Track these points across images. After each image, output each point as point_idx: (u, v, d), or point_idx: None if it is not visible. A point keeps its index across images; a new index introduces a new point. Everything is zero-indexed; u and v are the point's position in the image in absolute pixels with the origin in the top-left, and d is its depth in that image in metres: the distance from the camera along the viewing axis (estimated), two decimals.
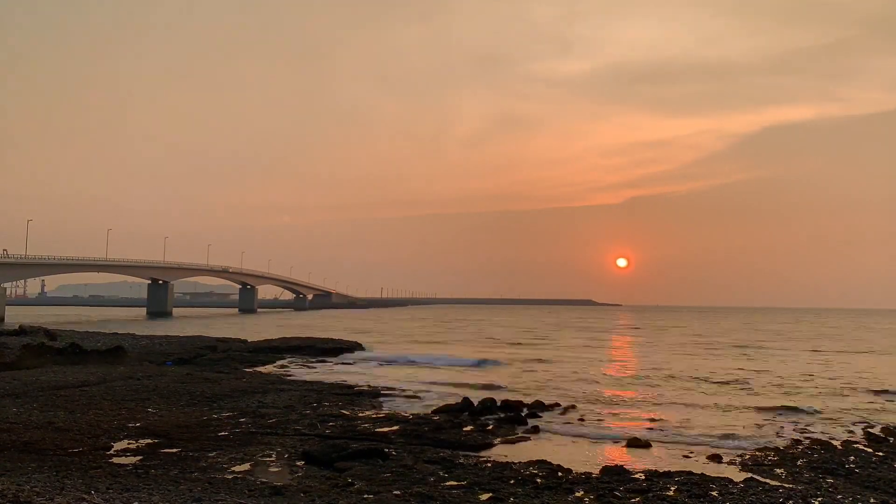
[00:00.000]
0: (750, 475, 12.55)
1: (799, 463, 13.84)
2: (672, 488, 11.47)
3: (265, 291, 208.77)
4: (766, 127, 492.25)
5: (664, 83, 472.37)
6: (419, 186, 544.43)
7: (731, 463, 14.09)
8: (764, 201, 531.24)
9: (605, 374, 32.55)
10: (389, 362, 37.71)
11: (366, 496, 10.64)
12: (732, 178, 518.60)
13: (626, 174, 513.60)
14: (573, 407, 21.41)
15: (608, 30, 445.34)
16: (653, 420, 19.41)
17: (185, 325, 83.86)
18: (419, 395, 23.94)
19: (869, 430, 17.98)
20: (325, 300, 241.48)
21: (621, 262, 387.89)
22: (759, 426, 18.56)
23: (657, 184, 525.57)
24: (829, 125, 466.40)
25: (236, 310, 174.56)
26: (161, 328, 69.56)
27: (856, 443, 16.27)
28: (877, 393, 26.12)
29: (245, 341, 45.63)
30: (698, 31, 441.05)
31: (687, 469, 13.04)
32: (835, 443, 16.13)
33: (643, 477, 12.29)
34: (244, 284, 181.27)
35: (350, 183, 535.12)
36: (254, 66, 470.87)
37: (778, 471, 13.19)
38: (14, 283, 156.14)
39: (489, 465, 13.17)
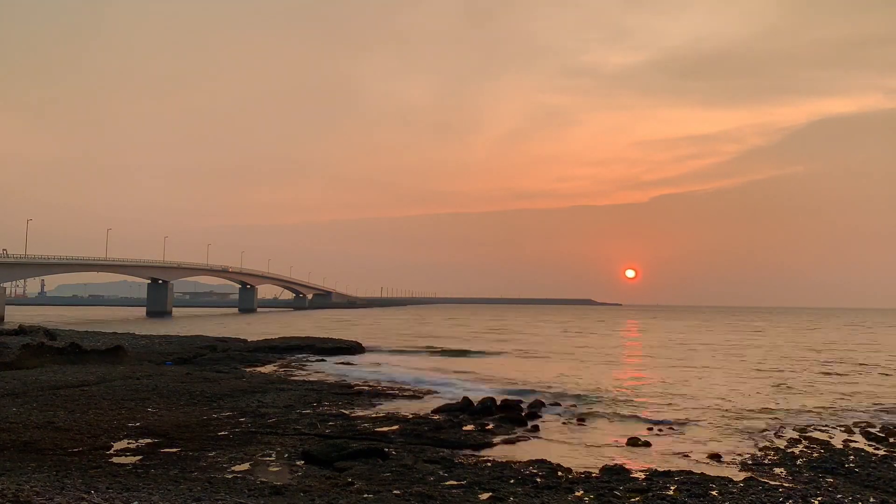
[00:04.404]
0: (750, 475, 12.55)
1: (799, 462, 13.84)
2: (672, 488, 11.46)
3: (265, 291, 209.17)
4: (812, 121, 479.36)
5: (714, 77, 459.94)
6: (438, 185, 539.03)
7: (731, 463, 14.08)
8: (798, 198, 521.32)
9: (605, 374, 32.53)
10: (389, 362, 37.68)
11: (366, 496, 10.63)
12: (769, 174, 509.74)
13: (663, 171, 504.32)
14: (573, 406, 21.41)
15: (667, 18, 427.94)
16: (653, 419, 19.40)
17: (185, 324, 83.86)
18: (419, 394, 23.94)
19: (869, 430, 17.97)
20: (324, 300, 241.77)
21: (630, 273, 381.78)
22: (760, 426, 18.53)
23: (692, 181, 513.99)
24: (874, 118, 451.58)
25: (236, 309, 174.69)
26: (161, 328, 69.57)
27: (856, 442, 16.28)
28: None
29: (245, 341, 45.66)
30: (757, 22, 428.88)
31: (687, 469, 13.04)
32: (835, 443, 16.14)
33: (643, 476, 12.28)
34: (244, 284, 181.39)
35: (357, 182, 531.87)
36: (261, 54, 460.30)
37: (778, 470, 13.19)
38: (14, 282, 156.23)
39: (489, 464, 13.17)
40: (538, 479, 11.99)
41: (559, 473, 12.54)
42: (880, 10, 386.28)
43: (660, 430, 17.92)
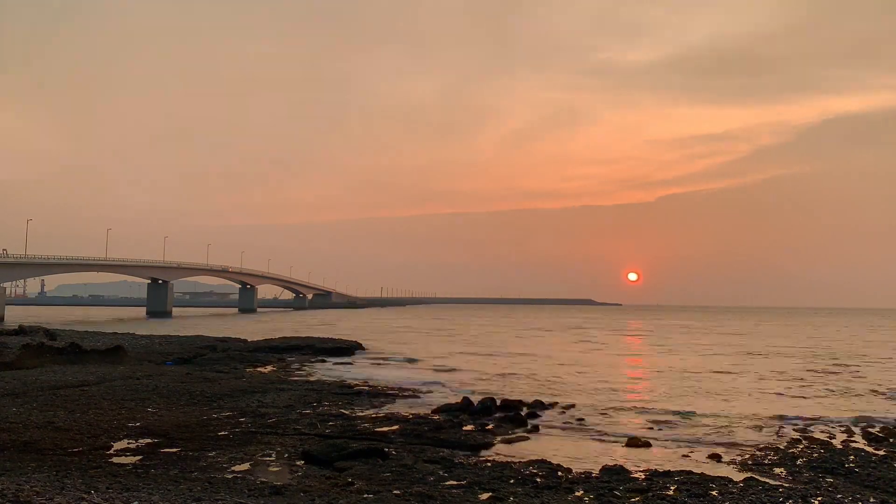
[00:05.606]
0: (750, 475, 12.54)
1: (799, 462, 13.84)
2: (672, 488, 11.46)
3: (265, 291, 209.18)
4: (825, 119, 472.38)
5: (726, 75, 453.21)
6: (441, 185, 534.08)
7: (731, 463, 14.09)
8: (808, 197, 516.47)
9: (605, 375, 32.53)
10: (388, 361, 37.69)
11: (366, 496, 10.63)
12: (780, 173, 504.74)
13: (672, 170, 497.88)
14: (573, 406, 21.41)
15: (682, 15, 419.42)
16: (653, 420, 19.40)
17: (185, 324, 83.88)
18: (419, 394, 23.94)
19: (869, 430, 17.97)
20: (324, 300, 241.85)
21: (632, 276, 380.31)
22: (760, 426, 18.55)
23: (700, 180, 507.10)
24: (886, 116, 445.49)
25: (236, 309, 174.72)
26: (161, 328, 69.55)
27: (856, 442, 16.28)
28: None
29: (245, 341, 45.65)
30: (770, 21, 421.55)
31: (687, 469, 13.03)
32: (835, 443, 16.14)
33: (643, 476, 12.28)
34: (244, 284, 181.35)
35: (360, 181, 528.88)
36: (263, 52, 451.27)
37: (778, 470, 13.19)
38: (14, 282, 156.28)
39: (489, 464, 13.16)
40: (538, 479, 11.99)
41: (559, 473, 12.53)
42: (893, 10, 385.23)
43: (660, 430, 17.92)
